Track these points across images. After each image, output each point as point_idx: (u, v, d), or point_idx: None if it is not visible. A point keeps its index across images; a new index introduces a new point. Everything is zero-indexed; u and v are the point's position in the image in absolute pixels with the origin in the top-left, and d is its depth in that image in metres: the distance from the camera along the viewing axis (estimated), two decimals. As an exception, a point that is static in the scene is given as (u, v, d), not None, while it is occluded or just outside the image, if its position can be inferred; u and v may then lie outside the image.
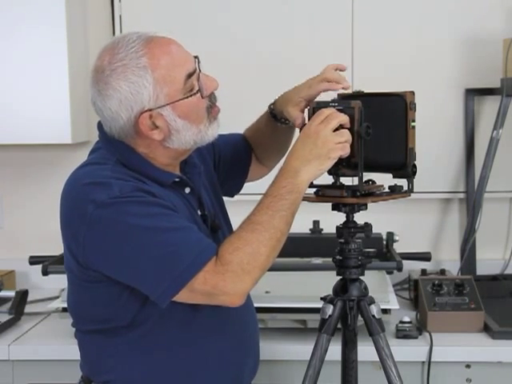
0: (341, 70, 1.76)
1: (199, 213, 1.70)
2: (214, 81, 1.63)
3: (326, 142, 1.57)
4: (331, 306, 1.74)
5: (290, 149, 1.63)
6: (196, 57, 1.62)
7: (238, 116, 1.97)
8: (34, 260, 2.55)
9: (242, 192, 2.80)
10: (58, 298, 2.50)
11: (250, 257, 1.51)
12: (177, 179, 1.65)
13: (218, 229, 1.73)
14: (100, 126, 1.66)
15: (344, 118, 1.60)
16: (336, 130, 1.60)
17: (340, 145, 1.58)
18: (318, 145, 1.57)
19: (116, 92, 1.54)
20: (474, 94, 2.73)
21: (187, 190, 1.68)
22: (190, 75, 1.58)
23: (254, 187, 2.68)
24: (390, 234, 2.65)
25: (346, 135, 1.60)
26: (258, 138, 1.94)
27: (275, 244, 1.54)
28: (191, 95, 1.58)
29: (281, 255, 1.90)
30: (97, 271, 1.55)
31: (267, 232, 1.53)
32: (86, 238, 1.52)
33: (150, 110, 1.55)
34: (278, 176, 1.59)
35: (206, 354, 1.64)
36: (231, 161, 1.92)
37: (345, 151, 1.59)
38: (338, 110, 1.63)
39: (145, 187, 1.55)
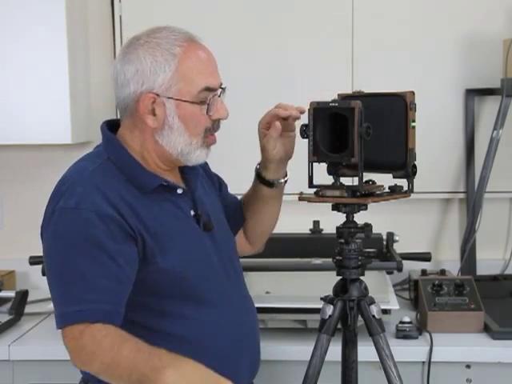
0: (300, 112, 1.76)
1: (192, 213, 1.70)
2: (226, 111, 1.66)
3: None
4: (331, 307, 1.74)
5: None
6: (224, 88, 1.66)
7: (236, 118, 1.96)
8: (33, 260, 2.55)
9: (241, 192, 2.81)
10: (58, 298, 2.50)
11: (90, 355, 1.51)
12: (164, 183, 1.66)
13: (211, 229, 1.72)
14: (103, 126, 1.70)
15: None
16: None
17: None
18: None
19: (138, 61, 1.60)
20: (474, 94, 2.73)
21: (179, 191, 1.69)
22: (208, 89, 1.61)
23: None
24: (390, 234, 2.65)
25: None
26: (247, 206, 1.94)
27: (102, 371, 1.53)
28: (198, 103, 1.61)
29: (281, 255, 1.90)
30: None
31: (122, 370, 1.49)
32: (42, 232, 1.63)
33: (157, 94, 1.59)
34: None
35: (200, 354, 1.64)
36: (226, 216, 1.91)
37: None
38: (338, 109, 1.63)
39: (101, 211, 1.54)
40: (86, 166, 1.63)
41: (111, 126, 1.71)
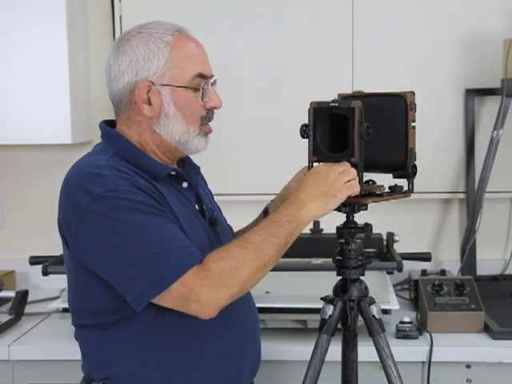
0: None
1: (197, 207, 1.72)
2: (219, 99, 1.68)
3: (335, 181, 1.59)
4: (331, 307, 1.73)
5: (300, 182, 1.65)
6: (215, 80, 1.68)
7: (236, 117, 1.96)
8: (34, 260, 2.55)
9: (241, 192, 2.82)
10: (58, 298, 2.50)
11: (231, 270, 1.50)
12: (173, 172, 1.67)
13: (215, 223, 1.75)
14: (102, 124, 1.71)
15: (353, 172, 1.61)
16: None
17: (348, 184, 1.60)
18: (328, 183, 1.59)
19: (132, 51, 1.62)
20: (475, 94, 2.73)
21: (185, 185, 1.70)
22: (201, 75, 1.64)
23: (254, 187, 2.69)
24: (390, 234, 2.65)
25: (352, 174, 1.61)
26: None
27: (261, 267, 1.53)
28: (192, 89, 1.63)
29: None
30: (85, 263, 1.57)
31: (255, 252, 1.52)
32: (78, 228, 1.54)
33: (152, 82, 1.61)
34: (284, 205, 1.60)
35: (205, 349, 1.64)
36: None
37: (352, 190, 1.61)
38: (338, 109, 1.63)
39: (139, 183, 1.55)
40: (96, 158, 1.62)
41: (109, 126, 1.72)
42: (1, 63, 2.56)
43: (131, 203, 1.51)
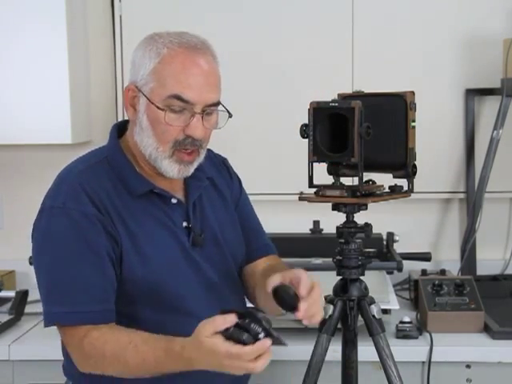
0: None
1: (184, 225, 1.68)
2: (198, 130, 1.59)
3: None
4: (331, 306, 1.74)
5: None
6: (208, 109, 1.60)
7: (236, 117, 1.96)
8: (33, 260, 2.55)
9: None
10: (58, 298, 2.50)
11: (96, 365, 1.55)
12: (155, 190, 1.65)
13: (200, 244, 1.69)
14: (114, 127, 1.73)
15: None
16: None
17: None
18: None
19: (136, 52, 1.64)
20: (475, 94, 2.72)
21: (174, 201, 1.68)
22: (178, 98, 1.57)
23: (253, 187, 2.69)
24: (390, 234, 2.65)
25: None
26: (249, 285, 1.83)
27: (120, 375, 1.55)
28: (162, 109, 1.57)
29: (281, 255, 1.89)
30: None
31: (122, 369, 1.53)
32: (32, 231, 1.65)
33: (138, 89, 1.61)
34: (188, 349, 1.45)
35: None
36: None
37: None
38: (338, 109, 1.63)
39: (87, 209, 1.58)
40: (77, 165, 1.67)
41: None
42: (1, 63, 2.56)
43: (63, 234, 1.57)
